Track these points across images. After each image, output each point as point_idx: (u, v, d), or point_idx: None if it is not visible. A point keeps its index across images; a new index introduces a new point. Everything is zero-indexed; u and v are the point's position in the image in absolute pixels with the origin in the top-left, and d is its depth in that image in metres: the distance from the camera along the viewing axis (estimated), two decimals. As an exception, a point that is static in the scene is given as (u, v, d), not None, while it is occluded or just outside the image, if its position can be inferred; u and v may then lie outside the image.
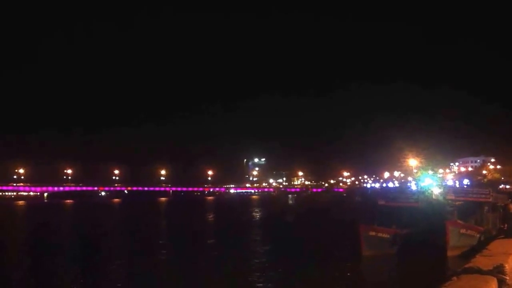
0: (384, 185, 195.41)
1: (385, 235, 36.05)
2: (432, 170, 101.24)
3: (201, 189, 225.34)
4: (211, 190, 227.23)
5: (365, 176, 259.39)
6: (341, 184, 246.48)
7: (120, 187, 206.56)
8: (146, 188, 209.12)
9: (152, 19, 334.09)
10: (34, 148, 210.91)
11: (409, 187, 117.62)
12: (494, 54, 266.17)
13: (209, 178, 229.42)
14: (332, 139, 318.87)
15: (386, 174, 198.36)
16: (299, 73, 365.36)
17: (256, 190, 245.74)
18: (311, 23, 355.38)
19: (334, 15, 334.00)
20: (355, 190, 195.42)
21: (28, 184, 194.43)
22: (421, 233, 37.32)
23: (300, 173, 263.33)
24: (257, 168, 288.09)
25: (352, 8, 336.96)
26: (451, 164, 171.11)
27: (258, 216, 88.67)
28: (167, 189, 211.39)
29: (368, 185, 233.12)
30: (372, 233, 36.04)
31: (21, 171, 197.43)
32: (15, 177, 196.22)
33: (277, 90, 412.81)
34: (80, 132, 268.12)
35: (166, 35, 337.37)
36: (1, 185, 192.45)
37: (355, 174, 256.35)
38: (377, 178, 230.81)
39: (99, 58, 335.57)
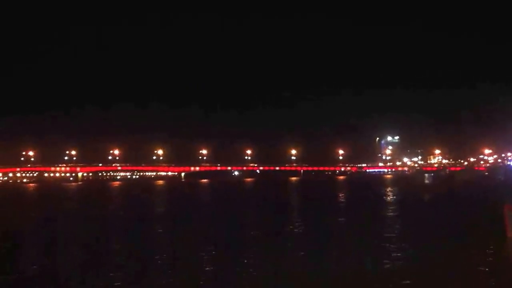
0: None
1: (533, 216, 32.31)
2: None
3: (332, 168, 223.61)
4: (342, 169, 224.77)
5: (509, 154, 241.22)
6: (481, 162, 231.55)
7: (252, 167, 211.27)
8: (277, 168, 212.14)
9: None
10: (172, 129, 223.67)
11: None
12: None
13: (340, 157, 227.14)
14: (472, 114, 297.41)
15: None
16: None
17: (389, 169, 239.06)
18: None
19: None
20: (499, 169, 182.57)
21: (167, 165, 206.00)
22: None
23: (437, 151, 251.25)
24: (390, 147, 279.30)
25: None
26: None
27: (393, 195, 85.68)
28: (298, 168, 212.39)
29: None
30: (519, 214, 32.51)
31: (160, 152, 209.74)
32: (154, 158, 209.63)
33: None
34: (218, 113, 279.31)
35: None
36: (143, 166, 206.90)
37: (497, 151, 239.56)
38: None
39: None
